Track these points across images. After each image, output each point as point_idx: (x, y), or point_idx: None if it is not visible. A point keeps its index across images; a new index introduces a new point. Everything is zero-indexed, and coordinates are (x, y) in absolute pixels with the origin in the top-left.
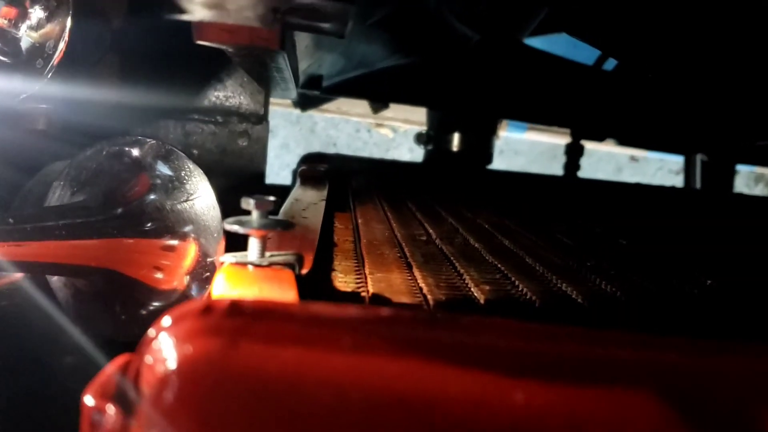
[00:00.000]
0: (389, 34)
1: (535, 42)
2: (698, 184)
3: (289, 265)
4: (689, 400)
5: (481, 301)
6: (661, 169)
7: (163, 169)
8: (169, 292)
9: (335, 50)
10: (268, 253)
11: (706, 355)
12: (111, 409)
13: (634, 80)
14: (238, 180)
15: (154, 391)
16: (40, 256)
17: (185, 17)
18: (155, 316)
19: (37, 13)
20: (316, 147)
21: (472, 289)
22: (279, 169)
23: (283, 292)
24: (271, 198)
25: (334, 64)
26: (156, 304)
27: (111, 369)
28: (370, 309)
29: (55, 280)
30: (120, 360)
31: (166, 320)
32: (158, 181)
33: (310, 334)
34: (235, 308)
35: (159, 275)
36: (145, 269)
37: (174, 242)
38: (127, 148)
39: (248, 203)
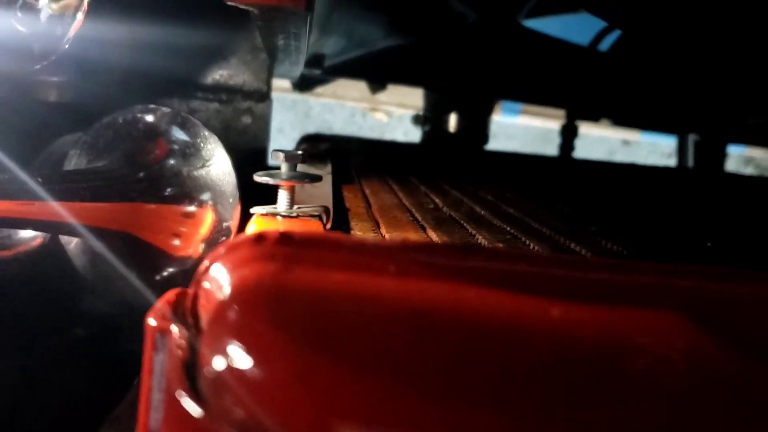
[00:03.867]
0: (389, 12)
1: (530, 23)
2: (691, 165)
3: (316, 216)
4: (713, 321)
5: None
6: (653, 152)
7: (180, 135)
8: (184, 258)
9: (337, 30)
10: (296, 206)
11: (728, 280)
12: (175, 329)
13: (629, 60)
14: (243, 156)
15: (216, 312)
16: (65, 215)
17: None
18: (169, 282)
19: None
20: (312, 131)
21: (486, 245)
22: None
23: None
24: (299, 152)
25: (335, 44)
26: (170, 270)
27: (168, 297)
28: (408, 241)
29: (72, 247)
30: (172, 292)
31: (221, 250)
32: (176, 147)
33: (356, 260)
34: (286, 237)
35: (176, 242)
36: (162, 235)
37: (192, 209)
38: (142, 116)
39: (278, 156)
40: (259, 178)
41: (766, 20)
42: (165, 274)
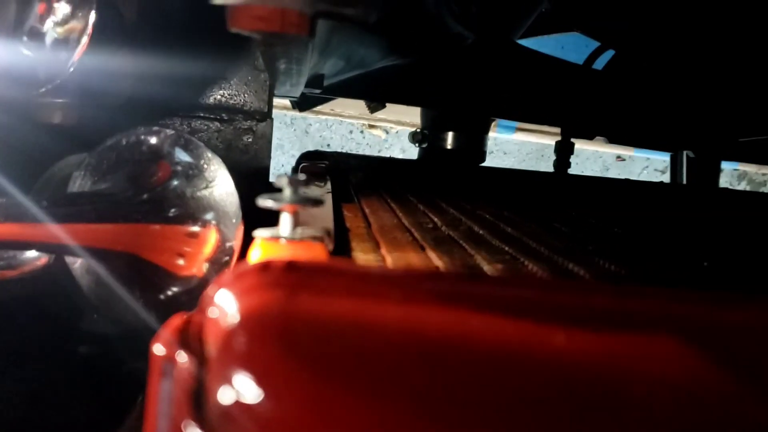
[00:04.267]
0: (388, 35)
1: (526, 42)
2: (684, 181)
3: (319, 239)
4: (713, 348)
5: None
6: (647, 168)
7: (183, 156)
8: (188, 278)
9: (336, 52)
10: (298, 228)
11: (730, 306)
12: (182, 356)
13: (623, 78)
14: (244, 175)
15: (223, 341)
16: (70, 238)
17: (223, 1)
18: (173, 302)
19: (62, 8)
20: (310, 148)
21: (485, 266)
22: (274, 169)
23: None
24: (303, 176)
25: (335, 65)
26: (174, 290)
27: (173, 324)
28: (413, 269)
29: (77, 267)
30: (177, 318)
31: (227, 277)
32: (179, 168)
33: (362, 288)
34: (292, 266)
35: (180, 261)
36: (166, 255)
37: (196, 228)
38: (145, 138)
39: (281, 180)
40: (263, 202)
41: (758, 43)
42: (169, 293)
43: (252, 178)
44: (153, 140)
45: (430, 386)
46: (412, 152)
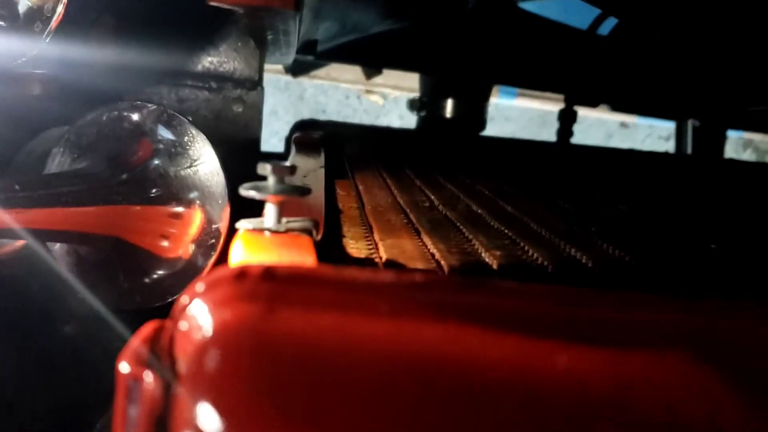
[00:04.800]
0: None
1: (528, 6)
2: (689, 150)
3: (306, 231)
4: (725, 361)
5: (494, 267)
6: (650, 135)
7: (166, 134)
8: (173, 260)
9: (331, 16)
10: (284, 219)
11: (741, 316)
12: (149, 376)
13: (629, 45)
14: (234, 146)
15: (193, 358)
16: (46, 223)
17: None
18: (159, 284)
19: None
20: (305, 114)
21: (483, 254)
22: (268, 137)
23: (302, 257)
24: (288, 164)
25: (329, 29)
26: (160, 272)
27: (142, 336)
28: (403, 274)
29: (57, 248)
30: (149, 327)
31: (200, 286)
32: (161, 146)
33: (347, 300)
34: (270, 274)
35: (165, 243)
36: (150, 237)
37: (180, 209)
38: (127, 113)
39: (265, 169)
40: (245, 192)
41: (765, 11)
42: (155, 276)
43: (242, 151)
44: (135, 116)
45: (423, 410)
46: (410, 119)
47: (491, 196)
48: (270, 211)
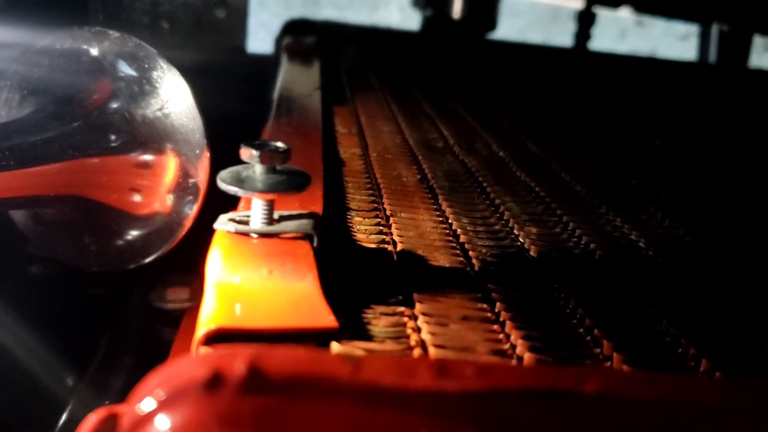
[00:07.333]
0: None
1: None
2: (713, 56)
3: (306, 233)
4: None
5: (532, 253)
6: (666, 34)
7: (130, 69)
8: (149, 216)
9: None
10: (276, 213)
11: None
12: None
13: None
14: (215, 57)
15: None
16: None
17: None
18: (135, 245)
19: None
20: (297, 4)
21: (515, 231)
22: (256, 28)
23: (301, 277)
24: (282, 146)
25: None
26: (136, 232)
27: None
28: (457, 373)
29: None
30: (96, 416)
31: (158, 394)
32: (122, 85)
33: (369, 419)
34: (258, 380)
35: (137, 198)
36: (117, 192)
37: (148, 157)
38: (85, 46)
39: (250, 154)
40: (225, 186)
41: None
42: (130, 237)
43: (225, 63)
44: (93, 48)
45: None
46: (409, 12)
47: (511, 128)
48: (257, 208)
